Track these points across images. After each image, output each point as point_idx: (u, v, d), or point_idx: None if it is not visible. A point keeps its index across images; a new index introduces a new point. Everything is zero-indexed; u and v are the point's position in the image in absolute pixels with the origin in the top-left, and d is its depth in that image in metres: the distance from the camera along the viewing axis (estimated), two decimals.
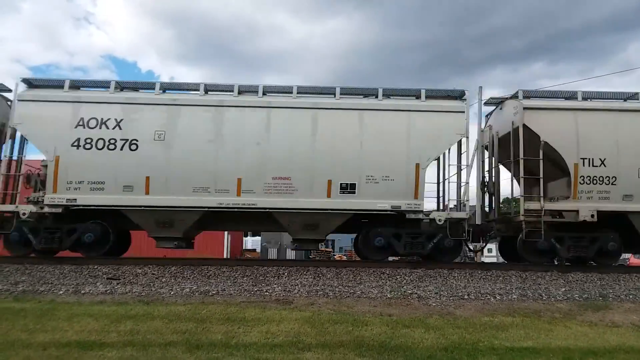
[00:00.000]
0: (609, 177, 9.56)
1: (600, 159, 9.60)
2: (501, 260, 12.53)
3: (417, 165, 9.51)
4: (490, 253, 38.44)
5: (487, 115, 11.81)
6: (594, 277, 8.54)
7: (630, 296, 7.27)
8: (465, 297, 7.05)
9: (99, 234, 9.25)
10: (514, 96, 10.44)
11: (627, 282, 8.17)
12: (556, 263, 10.40)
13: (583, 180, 9.53)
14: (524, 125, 9.68)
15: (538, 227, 9.34)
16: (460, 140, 9.92)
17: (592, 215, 9.37)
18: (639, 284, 7.97)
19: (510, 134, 9.98)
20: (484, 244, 11.11)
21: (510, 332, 5.59)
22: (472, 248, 11.74)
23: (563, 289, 7.51)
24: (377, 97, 9.92)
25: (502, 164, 11.05)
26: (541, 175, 9.52)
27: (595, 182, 9.55)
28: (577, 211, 9.43)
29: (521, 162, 9.61)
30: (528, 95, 10.39)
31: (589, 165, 9.57)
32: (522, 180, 9.74)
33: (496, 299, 6.95)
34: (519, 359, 4.84)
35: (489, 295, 7.10)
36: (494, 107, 11.40)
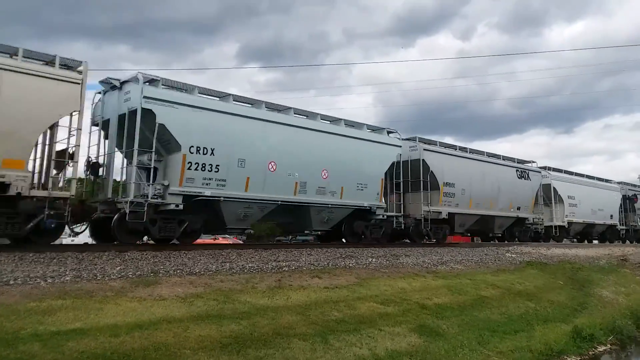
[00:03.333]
0: None
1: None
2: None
3: None
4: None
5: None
6: (148, 255, 9.77)
7: (178, 271, 8.57)
8: (12, 282, 6.70)
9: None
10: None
11: (176, 258, 9.77)
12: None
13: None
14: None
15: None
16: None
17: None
18: (185, 260, 9.65)
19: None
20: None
21: (59, 315, 5.77)
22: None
23: (118, 268, 8.24)
24: None
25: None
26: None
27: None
28: None
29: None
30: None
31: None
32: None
33: (47, 283, 6.94)
34: (65, 341, 5.11)
35: (39, 279, 7.00)
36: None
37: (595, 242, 29.70)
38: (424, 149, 18.09)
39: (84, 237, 12.83)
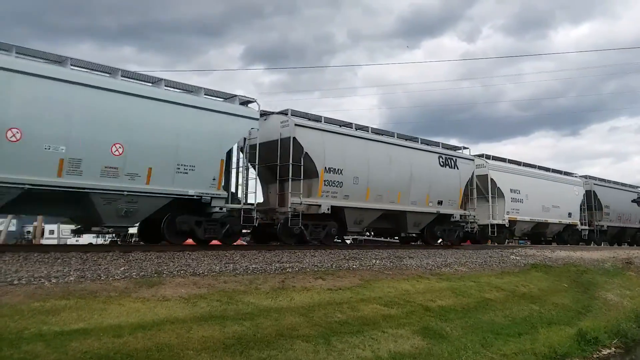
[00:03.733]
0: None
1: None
2: None
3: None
4: (52, 235, 37.02)
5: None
6: (152, 255, 9.79)
7: (182, 272, 8.57)
8: (16, 282, 6.73)
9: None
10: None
11: (180, 259, 9.78)
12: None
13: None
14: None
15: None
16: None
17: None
18: (189, 261, 9.66)
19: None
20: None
21: (63, 315, 5.79)
22: None
23: (122, 268, 8.26)
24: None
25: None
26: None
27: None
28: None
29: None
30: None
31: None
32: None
33: (51, 283, 6.96)
34: (68, 342, 5.12)
35: (43, 279, 7.03)
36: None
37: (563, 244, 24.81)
38: (296, 124, 13.98)
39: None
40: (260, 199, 15.15)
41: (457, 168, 18.99)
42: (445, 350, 7.24)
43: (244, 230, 14.52)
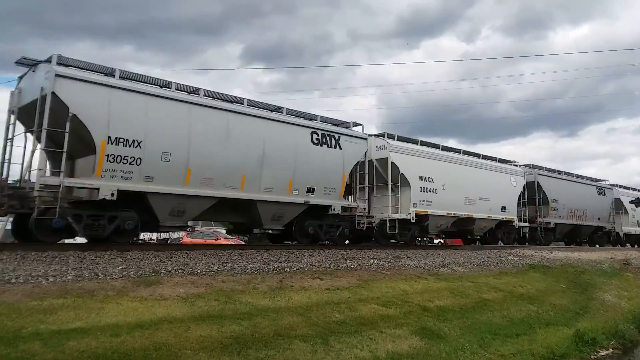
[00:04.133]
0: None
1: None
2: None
3: None
4: None
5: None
6: (150, 254, 9.78)
7: (179, 271, 8.58)
8: (13, 280, 6.71)
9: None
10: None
11: (178, 258, 9.77)
12: None
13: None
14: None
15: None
16: None
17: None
18: (187, 260, 9.65)
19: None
20: None
21: (60, 314, 5.77)
22: None
23: (120, 267, 8.25)
24: None
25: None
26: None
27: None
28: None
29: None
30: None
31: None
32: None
33: (49, 281, 6.95)
34: (66, 341, 5.10)
35: (40, 278, 7.01)
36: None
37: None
38: (57, 74, 10.15)
39: None
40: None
41: (341, 148, 15.20)
42: (443, 350, 7.24)
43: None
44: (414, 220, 17.44)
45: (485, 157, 22.11)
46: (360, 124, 16.43)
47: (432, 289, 10.18)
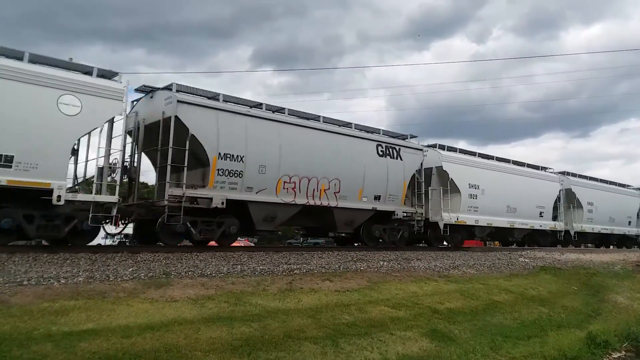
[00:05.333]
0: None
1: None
2: None
3: None
4: None
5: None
6: (160, 256, 9.81)
7: (190, 273, 8.62)
8: (25, 282, 6.77)
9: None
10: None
11: (188, 260, 9.80)
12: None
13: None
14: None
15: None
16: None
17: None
18: (197, 262, 9.68)
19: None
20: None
21: (72, 316, 5.81)
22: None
23: (131, 269, 8.29)
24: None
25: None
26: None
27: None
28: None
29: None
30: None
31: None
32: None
33: (60, 283, 7.00)
34: (77, 342, 5.14)
35: (52, 280, 7.06)
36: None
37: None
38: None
39: None
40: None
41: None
42: (454, 352, 7.19)
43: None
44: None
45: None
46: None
47: (442, 291, 10.12)
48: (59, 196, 9.50)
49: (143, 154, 12.51)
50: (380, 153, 16.05)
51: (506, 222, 20.58)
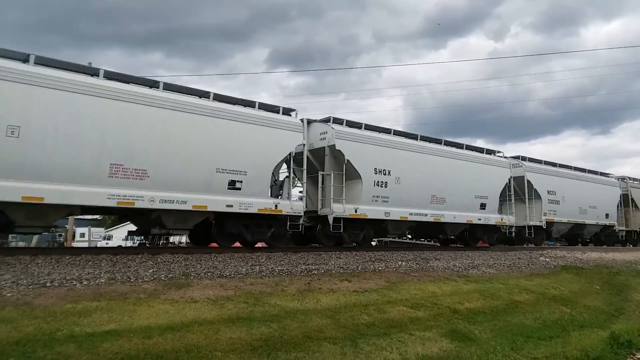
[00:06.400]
0: None
1: None
2: None
3: None
4: (83, 238, 37.98)
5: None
6: (180, 257, 9.90)
7: (209, 274, 8.69)
8: (48, 284, 6.88)
9: None
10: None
11: (207, 261, 9.87)
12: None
13: None
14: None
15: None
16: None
17: None
18: (216, 263, 9.74)
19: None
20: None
21: (94, 317, 5.88)
22: None
23: (151, 270, 8.37)
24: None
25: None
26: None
27: None
28: None
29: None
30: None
31: None
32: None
33: (83, 285, 7.09)
34: (100, 343, 5.19)
35: (75, 281, 7.17)
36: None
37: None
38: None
39: None
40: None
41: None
42: (474, 353, 7.10)
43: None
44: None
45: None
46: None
47: (462, 291, 10.02)
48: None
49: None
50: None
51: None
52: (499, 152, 20.82)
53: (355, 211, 14.48)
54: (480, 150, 19.76)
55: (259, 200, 12.50)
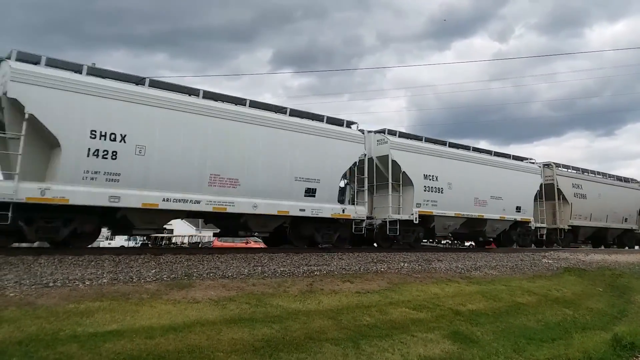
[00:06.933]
0: None
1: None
2: None
3: None
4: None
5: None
6: (182, 258, 9.91)
7: (211, 274, 8.69)
8: (51, 284, 6.90)
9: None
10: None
11: (209, 262, 9.87)
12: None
13: None
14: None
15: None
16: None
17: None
18: (218, 264, 9.74)
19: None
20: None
21: (96, 317, 5.89)
22: None
23: (153, 271, 8.38)
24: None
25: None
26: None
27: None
28: None
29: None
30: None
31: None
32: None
33: (85, 285, 7.11)
34: (102, 343, 5.20)
35: (77, 281, 7.18)
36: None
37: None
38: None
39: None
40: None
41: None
42: (477, 355, 7.09)
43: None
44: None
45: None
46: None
47: (464, 293, 10.00)
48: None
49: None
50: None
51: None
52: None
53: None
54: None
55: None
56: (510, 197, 19.74)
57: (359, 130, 15.27)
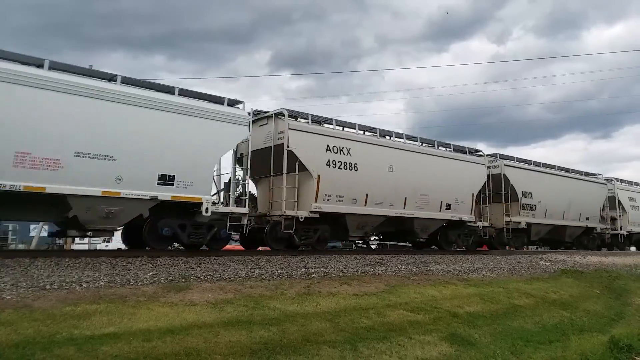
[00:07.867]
0: None
1: None
2: None
3: None
4: (83, 240, 37.96)
5: None
6: (179, 260, 9.89)
7: (208, 277, 8.67)
8: (48, 287, 6.88)
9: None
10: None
11: (207, 264, 9.86)
12: None
13: None
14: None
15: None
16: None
17: None
18: (216, 266, 9.73)
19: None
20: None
21: (93, 319, 5.88)
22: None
23: (151, 273, 8.36)
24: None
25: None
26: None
27: None
28: None
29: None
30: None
31: None
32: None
33: (82, 287, 7.09)
34: (99, 346, 5.18)
35: (74, 284, 7.16)
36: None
37: None
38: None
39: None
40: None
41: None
42: (474, 357, 7.09)
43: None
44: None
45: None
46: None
47: (462, 295, 10.01)
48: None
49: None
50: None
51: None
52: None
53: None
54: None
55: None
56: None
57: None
